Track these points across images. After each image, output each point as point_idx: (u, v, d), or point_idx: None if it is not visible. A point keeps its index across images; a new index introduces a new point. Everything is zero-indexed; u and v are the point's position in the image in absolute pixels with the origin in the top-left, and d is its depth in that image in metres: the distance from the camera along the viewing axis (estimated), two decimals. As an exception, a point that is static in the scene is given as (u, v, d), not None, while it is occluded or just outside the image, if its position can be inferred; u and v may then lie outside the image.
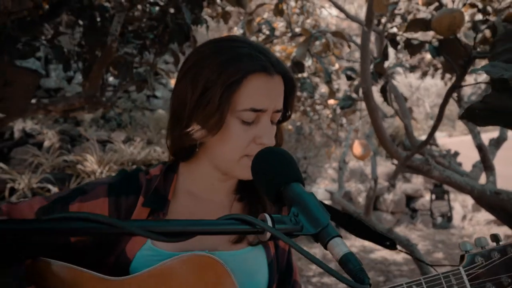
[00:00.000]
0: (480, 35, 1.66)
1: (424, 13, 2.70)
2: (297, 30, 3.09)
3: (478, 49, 1.49)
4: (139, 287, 0.72)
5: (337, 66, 3.94)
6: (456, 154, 2.90)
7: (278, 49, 4.12)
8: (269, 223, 0.49)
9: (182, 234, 0.44)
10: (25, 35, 2.09)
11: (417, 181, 6.73)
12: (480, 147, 2.30)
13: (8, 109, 1.35)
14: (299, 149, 7.10)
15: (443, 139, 7.36)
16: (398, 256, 5.14)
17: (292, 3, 3.16)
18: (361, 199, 5.86)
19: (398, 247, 0.99)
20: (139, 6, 2.56)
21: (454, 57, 1.42)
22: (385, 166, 6.48)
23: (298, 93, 3.33)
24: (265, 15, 4.06)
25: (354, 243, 5.55)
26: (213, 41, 0.81)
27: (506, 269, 0.87)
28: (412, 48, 1.53)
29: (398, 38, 1.54)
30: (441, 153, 2.41)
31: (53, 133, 4.83)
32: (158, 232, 0.42)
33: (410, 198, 6.77)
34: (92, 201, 0.78)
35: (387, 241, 0.92)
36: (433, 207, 5.45)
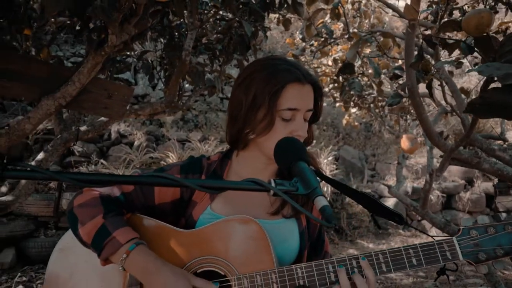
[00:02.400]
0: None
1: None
2: (355, 31, 3.22)
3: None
4: (200, 235, 1.03)
5: (399, 62, 3.94)
6: (521, 147, 2.77)
7: (340, 49, 4.26)
8: (273, 184, 0.75)
9: (215, 188, 0.72)
10: (120, 54, 2.60)
11: (500, 180, 6.23)
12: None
13: (110, 114, 1.78)
14: (367, 146, 7.05)
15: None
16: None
17: (349, 6, 3.29)
18: (433, 197, 5.66)
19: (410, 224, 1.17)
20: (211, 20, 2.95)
21: (487, 54, 1.50)
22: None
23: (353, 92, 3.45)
24: (327, 18, 4.21)
25: (422, 241, 5.41)
26: (259, 59, 1.09)
27: (500, 243, 1.00)
28: (449, 47, 1.64)
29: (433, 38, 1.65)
30: (501, 147, 2.38)
31: (141, 134, 5.56)
32: (202, 185, 0.71)
33: (491, 197, 6.31)
34: None
35: (396, 216, 1.11)
36: (497, 202, 5.07)
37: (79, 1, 1.00)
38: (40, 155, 2.06)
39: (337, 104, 5.11)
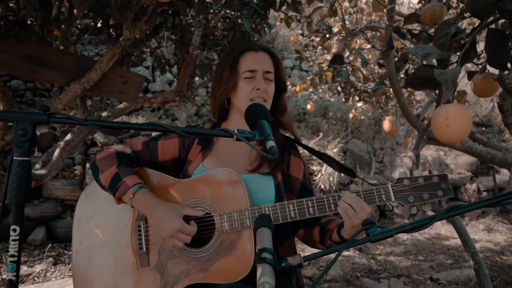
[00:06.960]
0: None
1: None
2: (344, 26, 3.46)
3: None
4: (193, 183, 1.32)
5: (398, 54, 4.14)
6: (501, 131, 2.94)
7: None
8: (236, 131, 1.04)
9: (191, 133, 1.02)
10: (136, 49, 2.94)
11: (507, 171, 6.30)
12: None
13: (126, 98, 2.11)
14: (376, 140, 7.22)
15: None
16: (476, 245, 5.03)
17: (346, 4, 3.53)
18: (438, 188, 5.77)
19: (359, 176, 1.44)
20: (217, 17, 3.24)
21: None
22: (468, 156, 6.25)
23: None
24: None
25: (429, 231, 5.57)
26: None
27: (427, 189, 1.26)
28: (415, 36, 1.87)
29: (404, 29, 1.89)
30: (479, 130, 2.58)
31: (158, 127, 5.93)
32: (182, 131, 1.00)
33: (499, 190, 6.38)
34: (170, 140, 1.42)
35: (349, 171, 1.39)
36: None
37: (99, 2, 1.32)
38: (68, 136, 2.41)
39: (343, 99, 5.33)
